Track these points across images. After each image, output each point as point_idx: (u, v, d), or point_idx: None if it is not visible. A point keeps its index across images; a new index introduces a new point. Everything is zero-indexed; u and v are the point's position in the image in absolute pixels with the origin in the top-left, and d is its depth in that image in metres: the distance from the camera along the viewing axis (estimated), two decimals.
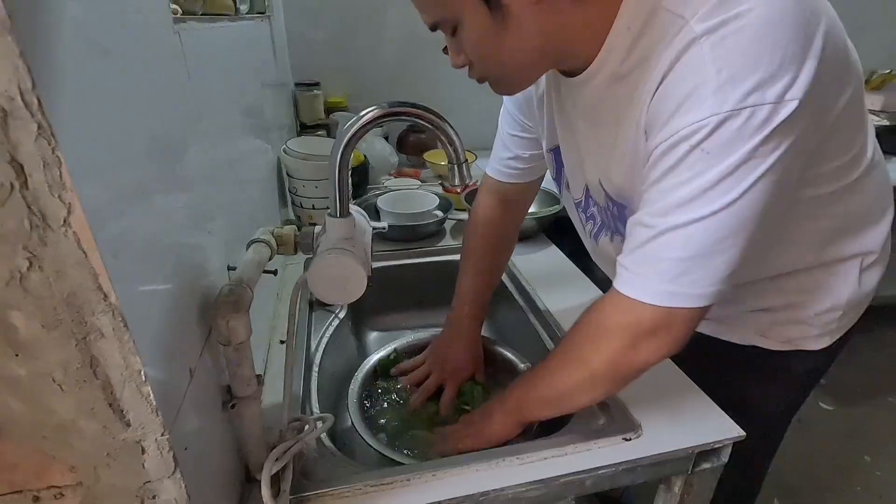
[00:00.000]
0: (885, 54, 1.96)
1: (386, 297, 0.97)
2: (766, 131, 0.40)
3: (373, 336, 0.98)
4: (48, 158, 0.24)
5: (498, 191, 0.78)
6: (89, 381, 0.30)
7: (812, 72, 0.40)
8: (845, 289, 0.59)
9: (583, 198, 0.66)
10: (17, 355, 0.29)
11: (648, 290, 0.47)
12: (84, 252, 0.27)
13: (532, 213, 1.03)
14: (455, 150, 0.51)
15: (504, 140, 0.74)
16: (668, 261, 0.45)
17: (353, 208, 0.55)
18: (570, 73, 0.54)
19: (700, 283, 0.45)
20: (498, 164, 0.76)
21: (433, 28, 0.51)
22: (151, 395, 0.32)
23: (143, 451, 0.34)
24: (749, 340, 0.64)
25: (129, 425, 0.32)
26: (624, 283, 0.49)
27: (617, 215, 0.59)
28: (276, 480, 0.48)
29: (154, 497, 0.36)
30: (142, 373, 0.31)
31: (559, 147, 0.66)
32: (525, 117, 0.71)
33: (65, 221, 0.26)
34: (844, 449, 1.57)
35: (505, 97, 0.72)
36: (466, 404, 0.76)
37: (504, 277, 0.94)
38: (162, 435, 0.33)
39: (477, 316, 0.80)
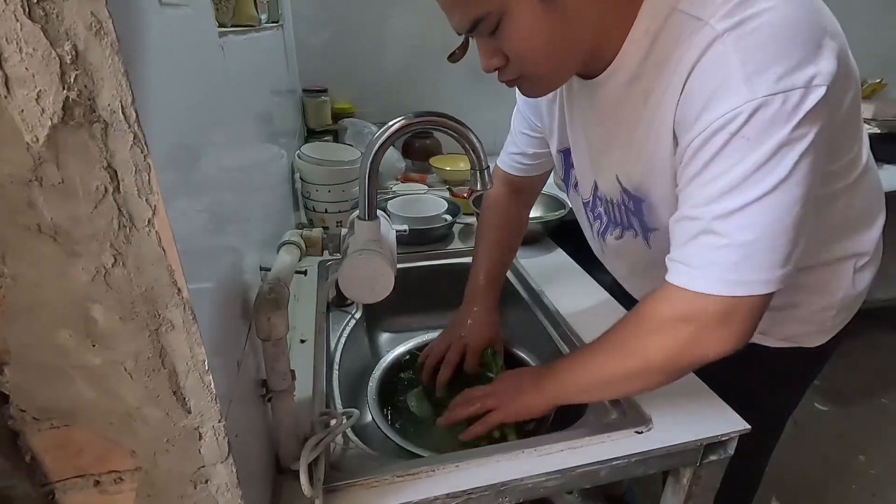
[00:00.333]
0: (876, 64, 2.02)
1: (397, 300, 0.98)
2: (801, 114, 0.41)
3: (385, 337, 1.01)
4: (140, 165, 0.27)
5: (508, 180, 0.83)
6: (157, 370, 0.33)
7: (833, 65, 0.42)
8: (839, 288, 0.62)
9: (591, 197, 0.69)
10: (94, 346, 0.31)
11: (709, 280, 0.46)
12: (163, 250, 0.29)
13: (538, 218, 1.06)
14: (478, 156, 0.54)
15: (515, 137, 0.79)
16: (725, 248, 0.44)
17: (378, 212, 0.58)
18: (587, 76, 0.56)
19: (763, 268, 0.44)
20: (508, 157, 0.82)
21: (472, 27, 0.48)
22: (213, 383, 0.34)
23: (201, 437, 0.36)
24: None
25: (189, 412, 0.35)
26: (679, 276, 0.48)
27: (633, 210, 0.61)
28: (309, 471, 0.50)
29: (206, 481, 0.38)
30: (205, 363, 0.33)
31: (569, 149, 0.69)
32: (536, 118, 0.74)
33: (149, 222, 0.28)
34: (839, 449, 1.61)
35: (519, 99, 0.76)
36: (490, 371, 0.79)
37: (512, 278, 0.97)
38: (219, 422, 0.36)
39: (493, 283, 0.84)
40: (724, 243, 0.45)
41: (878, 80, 2.05)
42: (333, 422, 0.57)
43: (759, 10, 0.42)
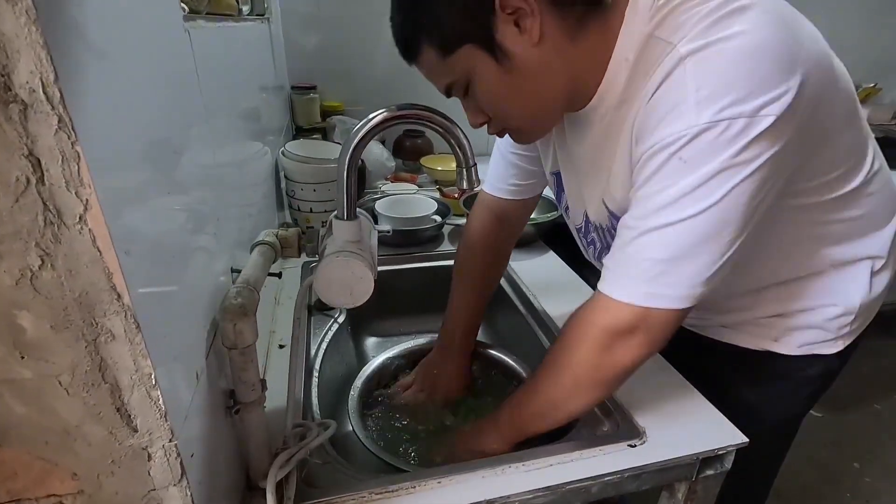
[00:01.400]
0: (870, 68, 2.01)
1: (384, 303, 0.96)
2: (742, 142, 0.42)
3: (371, 341, 0.97)
4: (67, 153, 0.23)
5: (495, 207, 0.77)
6: (97, 385, 0.29)
7: (793, 93, 0.42)
8: (857, 293, 0.60)
9: (583, 224, 0.67)
10: (22, 357, 0.28)
11: (627, 289, 0.48)
12: (99, 250, 0.26)
13: (530, 220, 1.03)
14: (464, 153, 0.51)
15: (505, 157, 0.73)
16: (646, 261, 0.47)
17: (358, 211, 0.55)
18: (576, 109, 0.55)
19: (678, 285, 0.46)
20: (496, 180, 0.75)
21: (447, 93, 0.53)
22: (161, 399, 0.31)
23: (150, 457, 0.32)
24: (763, 346, 0.64)
25: (136, 431, 0.31)
26: (605, 283, 0.50)
27: None
28: (279, 488, 0.47)
29: None
30: (152, 376, 0.30)
31: (560, 172, 0.67)
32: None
33: (80, 218, 0.25)
34: (833, 456, 1.59)
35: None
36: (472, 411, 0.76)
37: (503, 283, 0.94)
38: (170, 441, 0.32)
39: (468, 335, 0.80)
40: (647, 256, 0.47)
41: (871, 85, 2.04)
42: (310, 434, 0.54)
43: (729, 35, 0.42)
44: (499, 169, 0.75)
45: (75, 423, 0.30)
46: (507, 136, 0.71)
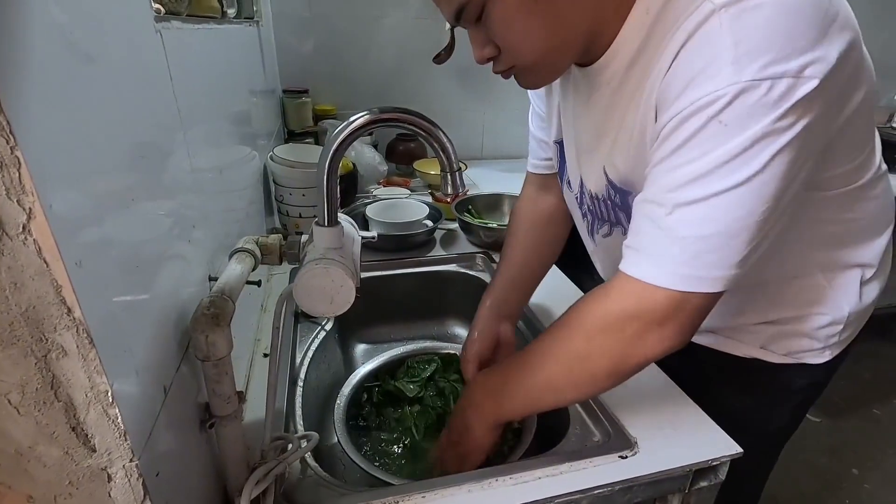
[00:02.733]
0: None
1: (374, 309, 0.95)
2: (786, 105, 0.38)
3: (360, 348, 0.96)
4: (6, 159, 0.22)
5: (537, 181, 0.77)
6: (50, 404, 0.28)
7: (832, 58, 0.39)
8: (846, 302, 0.59)
9: (578, 193, 0.65)
10: None
11: (663, 271, 0.43)
12: (45, 262, 0.24)
13: None
14: (448, 158, 0.49)
15: (533, 135, 0.74)
16: (684, 240, 0.42)
17: (342, 217, 0.53)
18: (585, 63, 0.52)
19: (718, 265, 0.42)
20: (533, 157, 0.76)
21: (457, 16, 0.46)
22: (119, 417, 0.29)
23: (110, 478, 0.31)
24: (751, 353, 0.63)
25: (94, 451, 0.30)
26: (633, 265, 0.45)
27: (619, 204, 0.57)
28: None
29: None
30: (109, 394, 0.28)
31: (563, 140, 0.65)
32: (542, 104, 0.70)
33: (24, 228, 0.23)
34: (832, 462, 1.57)
35: (532, 97, 0.71)
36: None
37: None
38: (130, 461, 0.31)
39: (502, 303, 0.74)
40: (684, 233, 0.42)
41: None
42: (290, 447, 0.52)
43: None
44: (532, 147, 0.75)
45: (28, 443, 0.29)
46: (533, 118, 0.72)
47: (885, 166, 0.57)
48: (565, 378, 0.50)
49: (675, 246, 0.42)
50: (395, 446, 0.69)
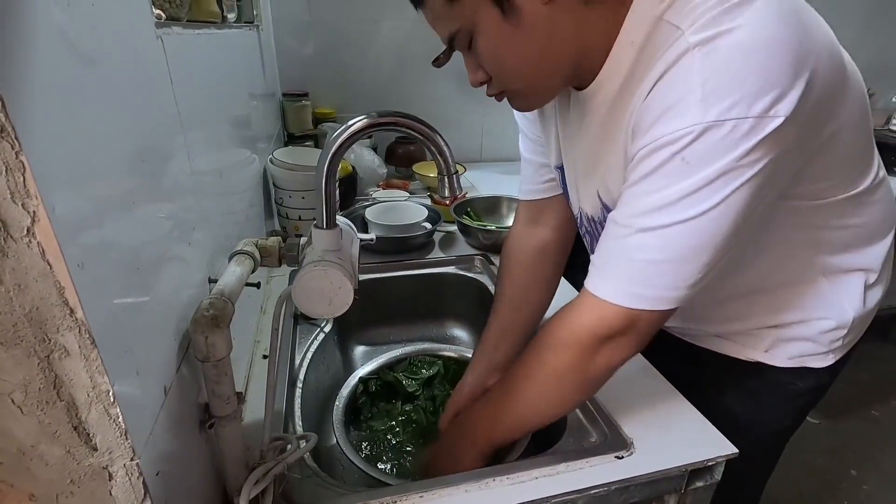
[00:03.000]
0: (862, 73, 2.02)
1: (373, 311, 0.95)
2: (748, 144, 0.40)
3: (359, 350, 0.96)
4: (11, 163, 0.22)
5: (528, 214, 0.74)
6: (52, 403, 0.28)
7: (800, 91, 0.40)
8: (851, 307, 0.59)
9: (578, 215, 0.66)
10: None
11: (617, 290, 0.47)
12: (49, 264, 0.25)
13: None
14: (445, 161, 0.50)
15: (525, 159, 0.72)
16: (639, 262, 0.45)
17: (340, 219, 0.54)
18: (580, 87, 0.54)
19: (669, 287, 0.45)
20: (527, 184, 0.72)
21: (450, 43, 0.50)
22: (121, 416, 0.30)
23: (111, 477, 0.31)
24: (755, 357, 0.63)
25: (95, 450, 0.30)
26: (591, 280, 0.49)
27: None
28: None
29: None
30: (110, 393, 0.29)
31: (563, 165, 0.65)
32: (536, 130, 0.69)
33: (28, 231, 0.24)
34: (831, 463, 1.58)
35: (519, 120, 0.70)
36: None
37: (491, 285, 0.93)
38: (131, 460, 0.31)
39: (490, 364, 0.72)
40: (640, 257, 0.45)
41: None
42: (289, 447, 0.52)
43: (738, 25, 0.39)
44: (527, 173, 0.72)
45: (30, 442, 0.29)
46: (524, 142, 0.71)
47: (883, 171, 0.58)
48: (542, 397, 0.54)
49: (631, 267, 0.46)
50: (389, 435, 0.70)
